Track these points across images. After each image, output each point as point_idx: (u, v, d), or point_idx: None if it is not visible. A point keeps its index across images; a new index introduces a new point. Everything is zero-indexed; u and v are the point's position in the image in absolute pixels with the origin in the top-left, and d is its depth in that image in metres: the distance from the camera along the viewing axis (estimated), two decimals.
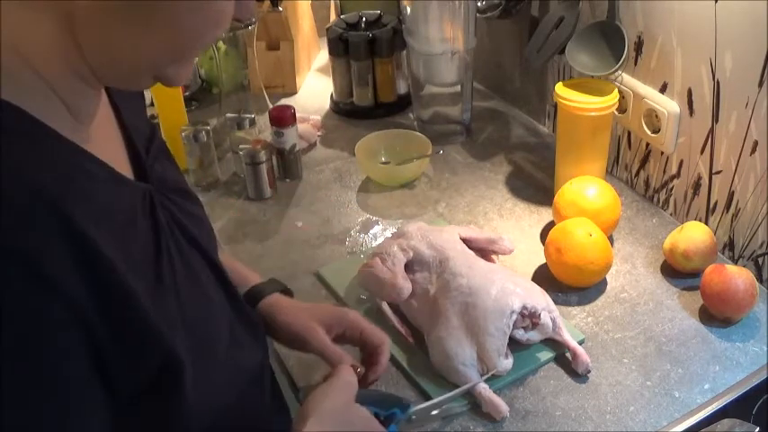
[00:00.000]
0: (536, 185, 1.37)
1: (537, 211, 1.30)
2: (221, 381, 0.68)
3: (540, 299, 0.99)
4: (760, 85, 1.01)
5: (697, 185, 1.19)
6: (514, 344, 0.98)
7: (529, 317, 0.97)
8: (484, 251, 1.10)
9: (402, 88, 1.64)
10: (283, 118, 1.36)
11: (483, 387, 0.93)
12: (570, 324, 1.04)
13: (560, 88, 1.22)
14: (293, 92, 1.75)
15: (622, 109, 1.28)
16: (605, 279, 1.13)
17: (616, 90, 1.20)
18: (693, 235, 1.10)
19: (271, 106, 1.48)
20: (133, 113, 0.72)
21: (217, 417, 0.66)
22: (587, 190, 1.18)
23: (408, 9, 1.41)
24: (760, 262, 1.11)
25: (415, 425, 0.89)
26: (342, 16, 1.66)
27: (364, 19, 1.63)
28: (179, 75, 0.62)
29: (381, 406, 0.83)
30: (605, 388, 0.95)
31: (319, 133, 1.57)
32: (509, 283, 0.98)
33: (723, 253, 1.17)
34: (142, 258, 0.59)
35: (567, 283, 1.11)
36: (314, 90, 1.78)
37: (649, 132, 1.24)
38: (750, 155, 1.07)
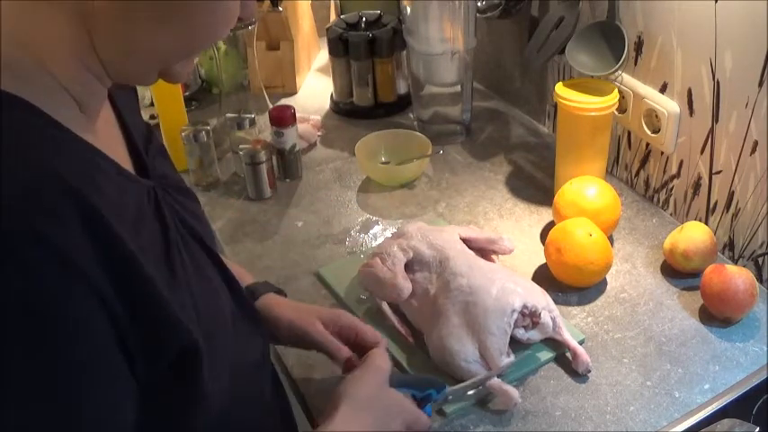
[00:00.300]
0: (536, 185, 1.37)
1: (537, 211, 1.30)
2: (228, 369, 0.68)
3: (541, 298, 0.99)
4: (760, 85, 1.01)
5: (697, 185, 1.19)
6: (515, 343, 0.97)
7: (529, 316, 0.97)
8: (484, 251, 1.10)
9: (402, 88, 1.64)
10: (283, 118, 1.36)
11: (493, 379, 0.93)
12: (570, 324, 1.04)
13: (560, 88, 1.22)
14: (293, 92, 1.76)
15: (622, 109, 1.28)
16: (605, 279, 1.13)
17: (616, 90, 1.20)
18: (693, 235, 1.10)
19: (271, 106, 1.48)
20: (131, 112, 0.72)
21: (223, 403, 0.67)
22: (587, 190, 1.18)
23: (408, 9, 1.41)
24: (760, 262, 1.11)
25: (450, 405, 0.91)
26: (342, 16, 1.66)
27: (364, 19, 1.63)
28: (184, 71, 0.63)
29: (417, 388, 0.85)
30: (605, 388, 0.95)
31: (319, 133, 1.57)
32: (509, 283, 0.98)
33: (723, 253, 1.17)
34: (155, 253, 0.60)
35: (567, 283, 1.11)
36: (314, 90, 1.78)
37: (649, 132, 1.24)
38: (750, 155, 1.07)
